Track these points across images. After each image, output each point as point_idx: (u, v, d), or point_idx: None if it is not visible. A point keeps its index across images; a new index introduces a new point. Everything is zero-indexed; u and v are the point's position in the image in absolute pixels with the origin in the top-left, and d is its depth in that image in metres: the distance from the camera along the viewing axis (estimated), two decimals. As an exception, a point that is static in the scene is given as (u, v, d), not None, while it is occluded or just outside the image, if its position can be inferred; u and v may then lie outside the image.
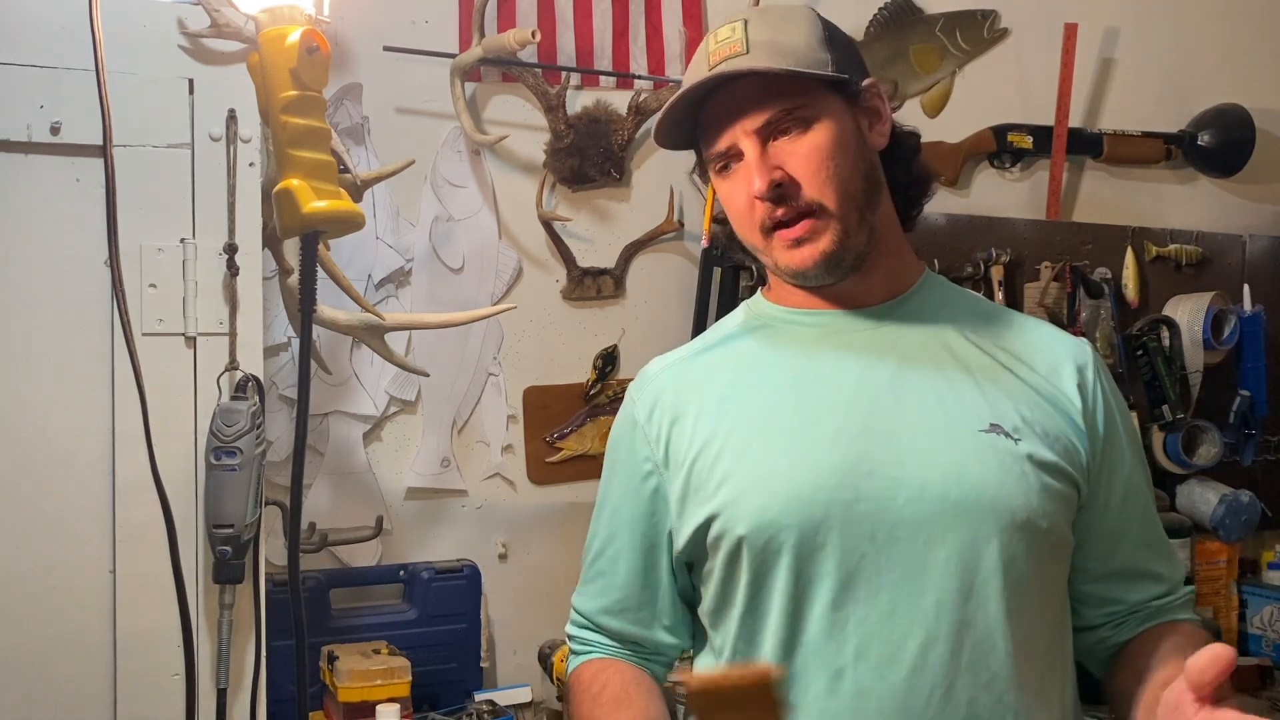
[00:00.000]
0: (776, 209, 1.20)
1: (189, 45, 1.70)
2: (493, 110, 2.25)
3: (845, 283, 1.26)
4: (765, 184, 1.19)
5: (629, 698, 1.26)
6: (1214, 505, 2.47)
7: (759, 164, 1.20)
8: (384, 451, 2.17)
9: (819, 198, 1.20)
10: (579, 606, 1.38)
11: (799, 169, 1.20)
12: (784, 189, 1.20)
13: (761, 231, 1.23)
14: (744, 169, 1.22)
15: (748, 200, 1.22)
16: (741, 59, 1.20)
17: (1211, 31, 2.74)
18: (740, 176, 1.23)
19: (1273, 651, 2.46)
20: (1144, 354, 2.45)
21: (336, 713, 1.84)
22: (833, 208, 1.21)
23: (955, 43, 2.51)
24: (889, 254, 1.28)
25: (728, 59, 1.20)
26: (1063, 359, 1.26)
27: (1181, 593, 1.30)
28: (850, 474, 1.17)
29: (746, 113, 1.21)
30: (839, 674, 1.15)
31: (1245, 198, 2.75)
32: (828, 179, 1.20)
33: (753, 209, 1.22)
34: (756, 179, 1.20)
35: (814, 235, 1.21)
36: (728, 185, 1.26)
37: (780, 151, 1.21)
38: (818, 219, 1.21)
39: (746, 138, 1.21)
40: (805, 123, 1.21)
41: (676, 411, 1.28)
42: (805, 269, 1.22)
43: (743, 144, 1.22)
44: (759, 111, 1.21)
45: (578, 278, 2.28)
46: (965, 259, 2.40)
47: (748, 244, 1.28)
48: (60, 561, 1.63)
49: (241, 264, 1.71)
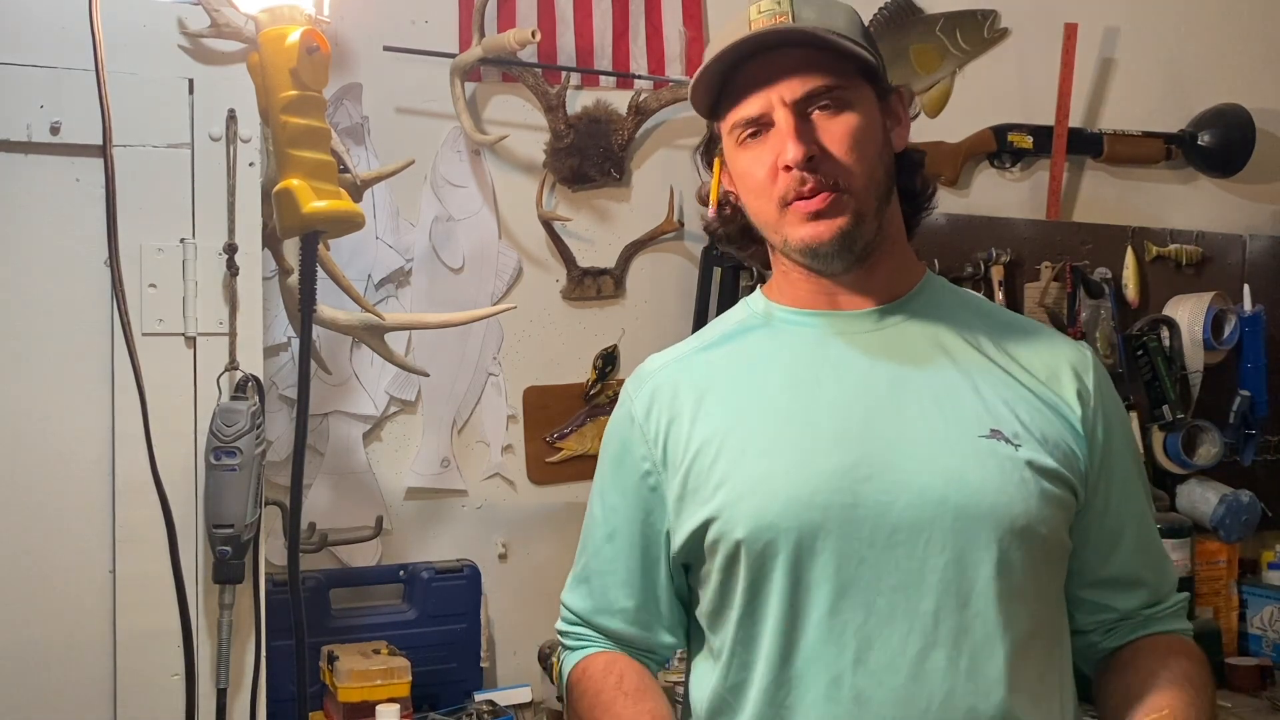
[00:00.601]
0: (804, 182, 1.19)
1: (189, 45, 1.70)
2: (493, 110, 2.25)
3: (847, 278, 1.26)
4: (801, 153, 1.17)
5: (650, 690, 1.27)
6: (1214, 505, 2.47)
7: (796, 132, 1.18)
8: (384, 451, 2.17)
9: (846, 177, 1.20)
10: (573, 605, 1.37)
11: (834, 145, 1.19)
12: (815, 162, 1.19)
13: (780, 203, 1.21)
14: (774, 137, 1.21)
15: (771, 170, 1.21)
16: (791, 26, 1.19)
17: (1211, 31, 2.74)
18: (768, 145, 1.21)
19: (1273, 651, 2.46)
20: (1144, 354, 2.45)
21: (336, 713, 1.84)
22: (857, 189, 1.20)
23: (955, 43, 2.51)
24: (892, 254, 1.28)
25: (770, 28, 1.19)
26: (1063, 364, 1.26)
27: (1173, 601, 1.30)
28: (849, 478, 1.17)
29: (786, 82, 1.20)
30: (838, 680, 1.15)
31: (1245, 198, 2.75)
32: (858, 160, 1.20)
33: (774, 180, 1.21)
34: (792, 146, 1.18)
35: (833, 211, 1.20)
36: (750, 154, 1.23)
37: (815, 126, 1.20)
38: (840, 196, 1.20)
39: (783, 107, 1.20)
40: (841, 104, 1.20)
41: (675, 411, 1.28)
42: (819, 244, 1.21)
43: (778, 113, 1.20)
44: (800, 82, 1.19)
45: (578, 278, 2.28)
46: (965, 259, 2.40)
47: (759, 222, 1.26)
48: (60, 561, 1.63)
49: (241, 264, 1.71)
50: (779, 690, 1.18)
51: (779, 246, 1.26)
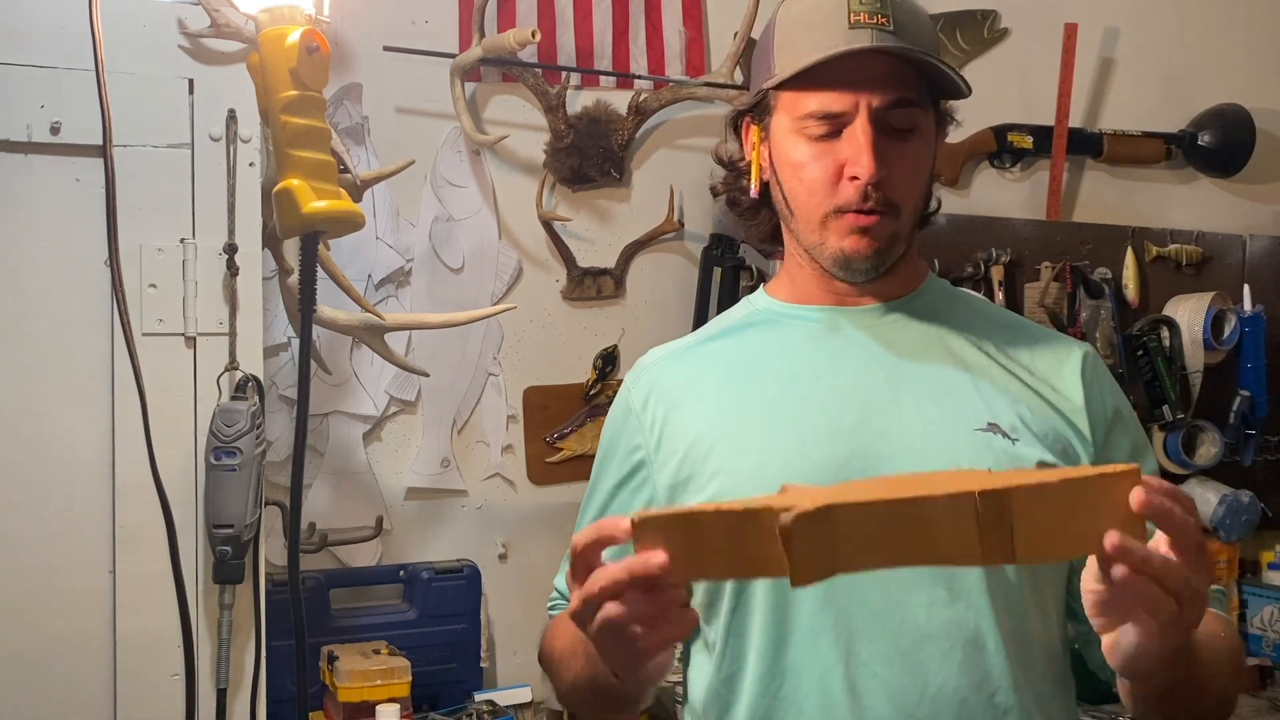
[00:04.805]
0: (867, 198, 1.19)
1: (189, 45, 1.70)
2: (493, 110, 2.25)
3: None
4: (876, 173, 1.17)
5: None
6: (1214, 505, 2.47)
7: (875, 148, 1.18)
8: (384, 451, 2.17)
9: (901, 202, 1.21)
10: (558, 584, 1.38)
11: (900, 170, 1.20)
12: (882, 183, 1.19)
13: (834, 210, 1.21)
14: (847, 143, 1.19)
15: (834, 173, 1.20)
16: (889, 36, 1.18)
17: (1211, 31, 2.74)
18: (842, 146, 1.20)
19: (1273, 651, 2.46)
20: (1144, 354, 2.45)
21: (336, 713, 1.84)
22: (905, 214, 1.22)
23: (955, 43, 2.52)
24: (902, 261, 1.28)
25: (873, 28, 1.18)
26: (1064, 362, 1.26)
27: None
28: (844, 470, 1.16)
29: (875, 88, 1.19)
30: (830, 670, 1.15)
31: (1245, 198, 2.75)
32: (914, 188, 1.22)
33: (835, 183, 1.20)
34: (868, 162, 1.17)
35: (878, 230, 1.20)
36: (816, 148, 1.21)
37: (890, 146, 1.20)
38: (889, 218, 1.21)
39: (867, 114, 1.19)
40: (913, 124, 1.21)
41: (672, 401, 1.28)
42: (857, 258, 1.21)
43: (860, 119, 1.19)
44: (888, 92, 1.19)
45: (578, 278, 2.28)
46: (965, 259, 2.40)
47: (800, 215, 1.24)
48: (60, 561, 1.63)
49: (241, 264, 1.71)
50: (772, 681, 1.18)
51: (809, 246, 1.25)
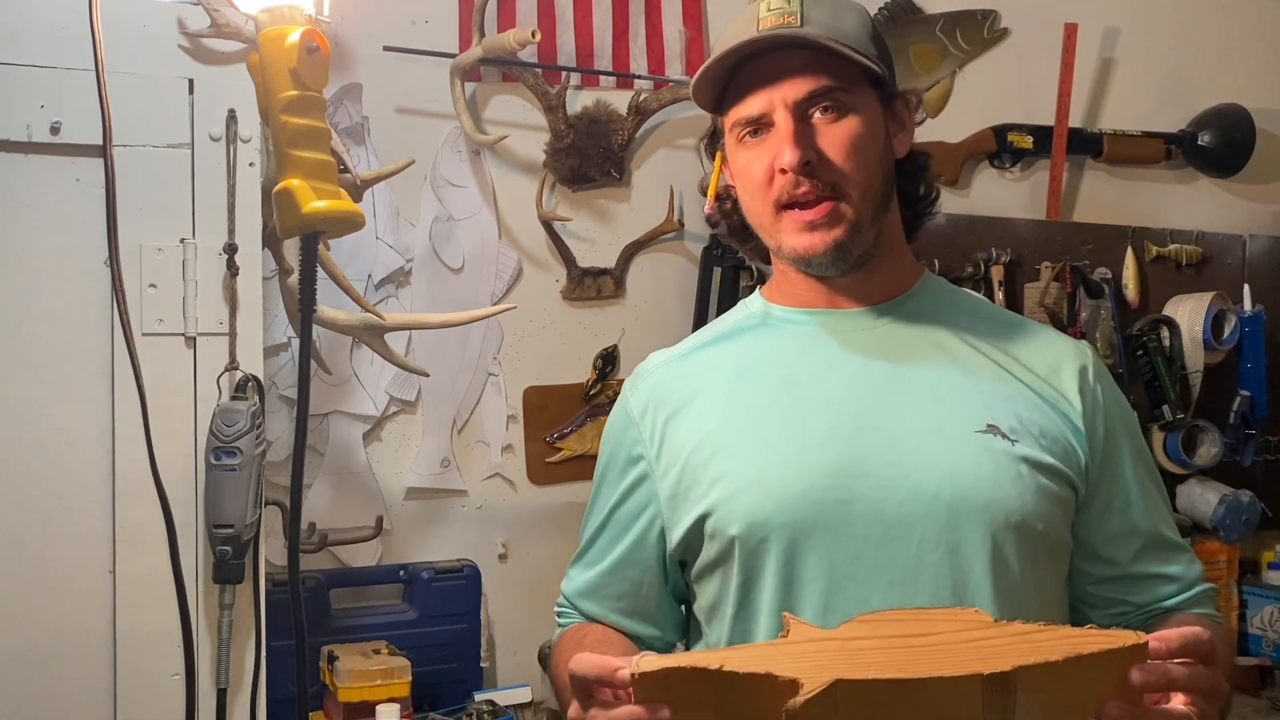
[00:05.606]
0: (800, 185, 1.19)
1: (189, 45, 1.70)
2: (493, 110, 2.25)
3: (845, 280, 1.26)
4: (797, 157, 1.17)
5: (615, 640, 1.28)
6: (1214, 505, 2.47)
7: (794, 136, 1.18)
8: (384, 451, 2.17)
9: (844, 184, 1.19)
10: (564, 588, 1.39)
11: (832, 151, 1.19)
12: (812, 167, 1.18)
13: (775, 207, 1.21)
14: (773, 139, 1.20)
15: (768, 172, 1.21)
16: (796, 31, 1.18)
17: (1211, 31, 2.74)
18: (767, 146, 1.21)
19: (1273, 651, 2.46)
20: (1144, 354, 2.46)
21: (336, 713, 1.84)
22: (854, 198, 1.20)
23: (955, 43, 2.52)
24: (891, 257, 1.28)
25: (780, 27, 1.19)
26: (1062, 361, 1.26)
27: (1197, 590, 1.28)
28: (843, 474, 1.17)
29: (789, 83, 1.20)
30: None
31: (1245, 198, 2.75)
32: (856, 168, 1.20)
33: (771, 182, 1.21)
34: (789, 150, 1.18)
35: (830, 222, 1.20)
36: (749, 154, 1.23)
37: (815, 130, 1.20)
38: (837, 205, 1.20)
39: (784, 108, 1.19)
40: (843, 108, 1.20)
41: (671, 408, 1.28)
42: (814, 254, 1.21)
43: (778, 114, 1.20)
44: (803, 83, 1.19)
45: (578, 278, 2.28)
46: (965, 259, 2.40)
47: (754, 222, 1.26)
48: (60, 561, 1.63)
49: (241, 264, 1.71)
50: None
51: (774, 250, 1.27)
